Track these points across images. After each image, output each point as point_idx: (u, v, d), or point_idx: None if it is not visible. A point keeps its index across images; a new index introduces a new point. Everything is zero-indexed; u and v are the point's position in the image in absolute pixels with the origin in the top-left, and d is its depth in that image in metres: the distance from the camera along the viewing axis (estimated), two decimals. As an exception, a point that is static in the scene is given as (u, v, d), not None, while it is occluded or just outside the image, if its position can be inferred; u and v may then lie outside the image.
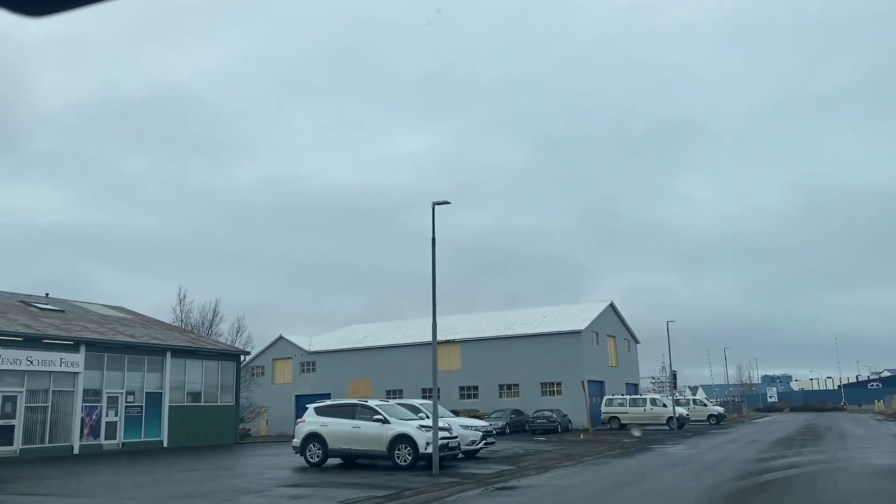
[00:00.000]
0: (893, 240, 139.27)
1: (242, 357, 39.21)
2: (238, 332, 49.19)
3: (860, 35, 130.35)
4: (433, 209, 20.02)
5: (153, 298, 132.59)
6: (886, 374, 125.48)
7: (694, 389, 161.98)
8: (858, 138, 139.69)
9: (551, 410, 45.32)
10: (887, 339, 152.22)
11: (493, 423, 44.72)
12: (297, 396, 57.64)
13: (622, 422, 47.82)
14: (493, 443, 24.12)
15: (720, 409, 55.68)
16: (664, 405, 47.12)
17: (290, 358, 58.33)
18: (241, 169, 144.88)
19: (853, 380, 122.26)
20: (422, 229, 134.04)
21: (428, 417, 20.76)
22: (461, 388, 52.45)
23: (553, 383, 49.78)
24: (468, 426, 22.97)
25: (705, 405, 55.66)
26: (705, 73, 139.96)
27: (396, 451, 19.75)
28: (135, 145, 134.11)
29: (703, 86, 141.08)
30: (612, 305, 55.04)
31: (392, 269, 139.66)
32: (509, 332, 51.83)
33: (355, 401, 22.39)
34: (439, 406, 22.24)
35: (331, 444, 20.70)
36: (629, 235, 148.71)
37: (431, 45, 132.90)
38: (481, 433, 22.74)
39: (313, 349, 57.88)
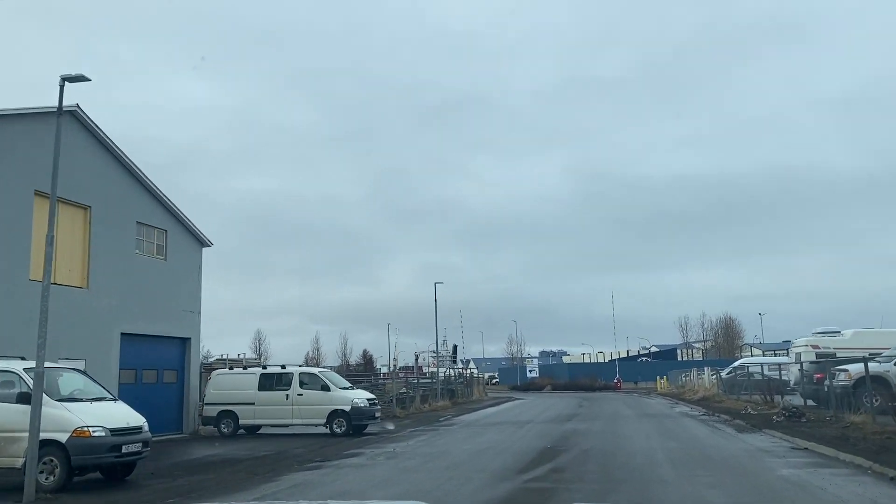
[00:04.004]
0: (658, 227, 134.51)
1: None
2: None
3: (637, 21, 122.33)
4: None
5: None
6: (655, 349, 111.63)
7: (466, 363, 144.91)
8: (631, 128, 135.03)
9: None
10: (653, 318, 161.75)
11: None
12: None
13: None
14: None
15: (363, 399, 22.11)
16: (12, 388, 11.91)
17: None
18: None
19: (624, 356, 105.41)
20: (200, 192, 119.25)
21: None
22: None
23: None
24: None
25: (327, 389, 21.56)
26: (496, 45, 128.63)
27: None
28: None
29: (495, 60, 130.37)
30: (77, 115, 19.11)
31: None
32: None
33: None
34: None
35: None
36: (421, 211, 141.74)
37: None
38: None
39: None
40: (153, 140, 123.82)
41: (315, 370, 22.89)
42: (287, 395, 21.85)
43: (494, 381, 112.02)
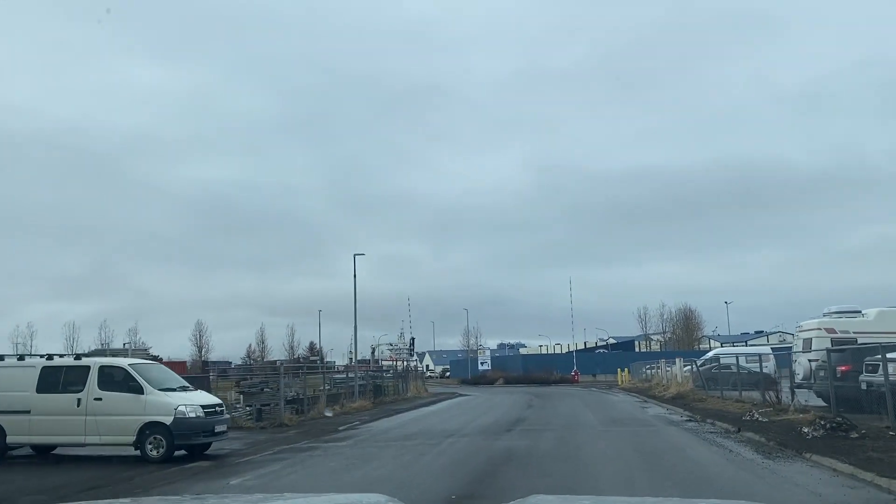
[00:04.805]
0: (616, 220, 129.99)
1: None
2: None
3: (597, 12, 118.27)
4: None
5: None
6: (613, 341, 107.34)
7: (421, 356, 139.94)
8: (590, 120, 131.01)
9: None
10: (611, 311, 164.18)
11: None
12: None
13: None
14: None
15: (193, 406, 14.44)
16: None
17: None
18: None
19: (582, 348, 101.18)
20: (153, 179, 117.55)
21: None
22: None
23: None
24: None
25: (139, 391, 13.91)
26: (454, 34, 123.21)
27: None
28: None
29: (454, 49, 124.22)
30: None
31: (116, 222, 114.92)
32: None
33: None
34: None
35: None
36: (379, 202, 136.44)
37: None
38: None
39: None
40: (101, 125, 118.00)
41: (124, 363, 15.05)
42: (79, 401, 14.11)
43: (448, 374, 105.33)
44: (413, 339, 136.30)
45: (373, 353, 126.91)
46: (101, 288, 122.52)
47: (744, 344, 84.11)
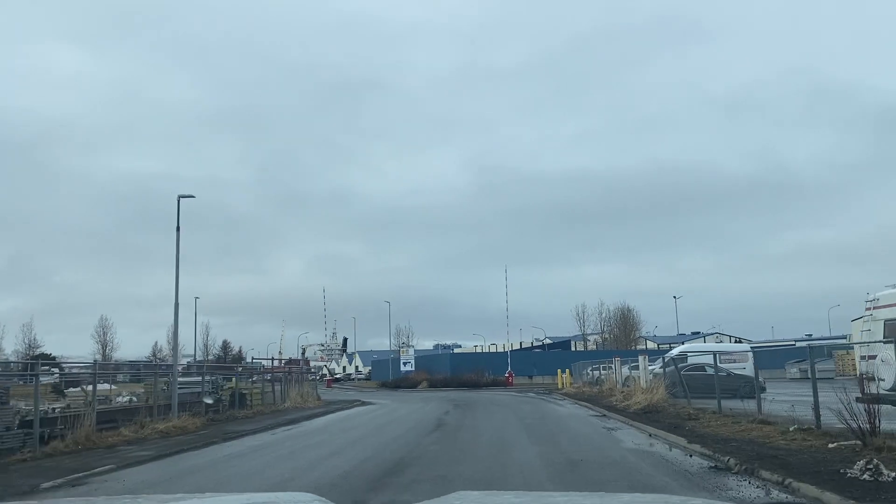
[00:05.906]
0: (553, 222, 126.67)
1: None
2: None
3: (537, 12, 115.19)
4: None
5: None
6: (548, 341, 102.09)
7: (351, 357, 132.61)
8: (528, 120, 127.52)
9: None
10: (548, 313, 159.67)
11: None
12: None
13: None
14: None
15: None
16: None
17: None
18: None
19: (517, 348, 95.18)
20: (71, 168, 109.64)
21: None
22: None
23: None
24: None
25: None
26: (392, 29, 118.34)
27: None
28: None
29: (392, 43, 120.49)
30: None
31: (34, 215, 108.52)
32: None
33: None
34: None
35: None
36: (314, 199, 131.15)
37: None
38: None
39: None
40: (17, 111, 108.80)
41: None
42: None
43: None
44: (346, 338, 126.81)
45: (303, 353, 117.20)
46: (10, 282, 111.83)
47: (680, 344, 77.04)
